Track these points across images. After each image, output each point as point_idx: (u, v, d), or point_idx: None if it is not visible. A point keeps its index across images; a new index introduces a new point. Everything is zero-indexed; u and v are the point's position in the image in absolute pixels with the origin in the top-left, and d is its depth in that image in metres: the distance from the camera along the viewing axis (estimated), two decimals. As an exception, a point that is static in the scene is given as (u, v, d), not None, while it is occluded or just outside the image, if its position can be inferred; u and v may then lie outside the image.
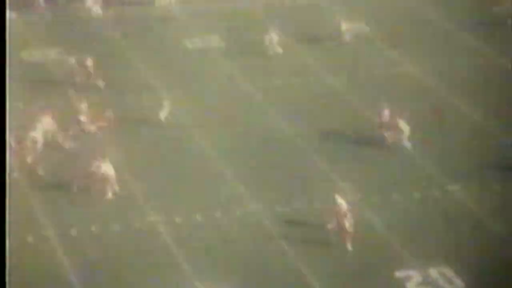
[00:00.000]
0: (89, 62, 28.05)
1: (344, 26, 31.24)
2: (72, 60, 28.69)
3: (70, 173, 22.59)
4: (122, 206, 21.90)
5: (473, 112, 26.42)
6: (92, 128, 25.28)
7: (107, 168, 22.08)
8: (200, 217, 21.44)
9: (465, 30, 31.80)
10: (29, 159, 23.26)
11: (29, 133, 23.67)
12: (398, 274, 19.24)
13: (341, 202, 20.10)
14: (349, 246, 19.80)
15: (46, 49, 30.20)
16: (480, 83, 28.26)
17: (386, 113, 24.80)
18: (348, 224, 19.74)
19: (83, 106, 25.60)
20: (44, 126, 24.18)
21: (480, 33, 31.42)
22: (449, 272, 19.23)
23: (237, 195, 22.31)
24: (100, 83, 27.97)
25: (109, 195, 22.18)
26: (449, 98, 27.32)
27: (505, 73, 28.87)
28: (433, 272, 19.27)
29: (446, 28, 32.20)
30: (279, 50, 30.24)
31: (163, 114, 25.84)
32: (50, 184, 22.63)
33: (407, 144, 24.28)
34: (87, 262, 19.81)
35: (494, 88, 27.93)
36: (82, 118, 25.30)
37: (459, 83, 28.25)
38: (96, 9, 33.46)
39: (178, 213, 21.52)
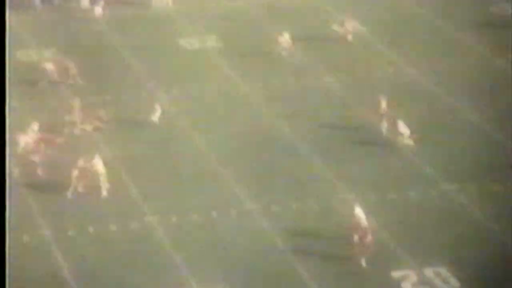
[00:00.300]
0: (85, 62, 28.05)
1: (342, 26, 31.25)
2: (67, 60, 28.67)
3: (65, 173, 22.56)
4: (118, 207, 21.89)
5: (471, 112, 26.40)
6: (87, 128, 25.27)
7: (101, 168, 22.07)
8: (197, 217, 21.43)
9: (462, 30, 31.80)
10: (25, 159, 23.25)
11: (24, 132, 23.66)
12: (394, 274, 19.23)
13: (361, 216, 19.48)
14: (364, 262, 19.23)
15: (41, 49, 30.16)
16: (477, 83, 28.24)
17: (383, 105, 24.94)
18: (368, 239, 19.11)
19: (78, 106, 25.60)
20: (39, 126, 24.18)
21: (477, 33, 31.40)
22: (444, 272, 19.22)
23: (234, 195, 22.30)
24: (95, 83, 27.96)
25: (104, 193, 22.17)
26: (447, 98, 27.32)
27: (503, 73, 28.84)
28: (429, 272, 19.26)
29: (443, 28, 32.19)
30: (277, 50, 30.23)
31: (158, 114, 25.82)
32: (46, 184, 22.61)
33: (406, 144, 24.26)
34: (84, 263, 19.78)
35: (492, 88, 27.91)
36: (77, 118, 25.29)
37: (457, 83, 28.22)
38: (92, 10, 33.44)
39: (175, 213, 21.51)
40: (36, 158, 23.29)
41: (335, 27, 31.52)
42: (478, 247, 20.03)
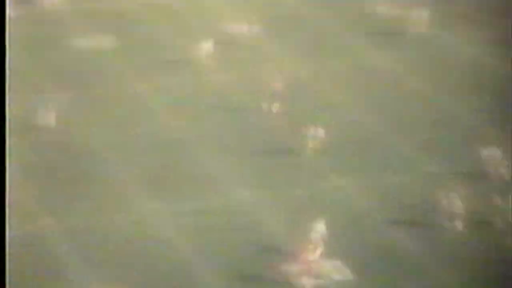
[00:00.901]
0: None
1: (236, 26, 31.67)
2: None
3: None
4: (13, 211, 21.46)
5: (358, 110, 27.24)
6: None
7: None
8: (96, 220, 21.31)
9: (349, 31, 32.75)
10: None
11: None
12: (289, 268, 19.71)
13: (315, 235, 19.43)
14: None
15: None
16: (361, 83, 29.08)
17: (277, 86, 25.96)
18: (316, 256, 19.19)
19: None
20: None
21: (364, 34, 32.37)
22: (339, 265, 19.75)
23: (133, 196, 22.32)
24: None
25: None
26: (335, 97, 28.04)
27: (389, 73, 29.84)
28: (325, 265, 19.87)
29: (330, 29, 33.01)
30: (173, 50, 30.32)
31: (52, 117, 25.46)
32: None
33: (310, 141, 24.65)
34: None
35: (377, 87, 28.84)
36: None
37: (345, 83, 28.98)
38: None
39: (73, 217, 21.32)
40: None
41: (229, 28, 31.88)
42: (371, 239, 20.68)
